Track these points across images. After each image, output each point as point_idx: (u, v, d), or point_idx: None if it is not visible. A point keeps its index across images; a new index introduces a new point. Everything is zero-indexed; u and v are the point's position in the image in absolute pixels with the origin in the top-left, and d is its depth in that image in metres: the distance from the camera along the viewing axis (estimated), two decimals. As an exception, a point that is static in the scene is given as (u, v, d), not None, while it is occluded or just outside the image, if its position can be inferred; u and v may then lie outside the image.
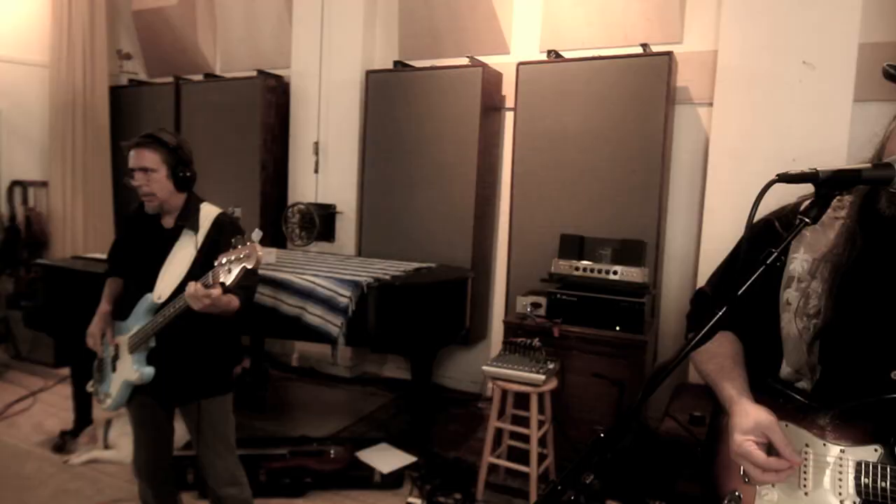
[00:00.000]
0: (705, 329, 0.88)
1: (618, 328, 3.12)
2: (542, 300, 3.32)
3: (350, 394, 4.50)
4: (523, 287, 3.74)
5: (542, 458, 3.01)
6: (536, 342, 3.02)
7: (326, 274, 3.21)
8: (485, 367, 2.95)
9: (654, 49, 3.64)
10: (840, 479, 0.99)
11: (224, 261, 1.79)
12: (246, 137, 4.84)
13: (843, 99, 3.17)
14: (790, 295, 1.09)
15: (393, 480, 3.08)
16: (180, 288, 1.95)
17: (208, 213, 2.17)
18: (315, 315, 3.03)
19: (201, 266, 1.99)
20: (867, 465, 0.96)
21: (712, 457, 1.18)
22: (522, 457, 2.96)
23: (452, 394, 4.47)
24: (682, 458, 2.70)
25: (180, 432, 2.34)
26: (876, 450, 0.96)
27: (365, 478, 3.08)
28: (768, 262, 0.87)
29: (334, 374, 4.78)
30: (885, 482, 0.93)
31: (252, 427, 3.66)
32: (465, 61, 4.21)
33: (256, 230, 1.83)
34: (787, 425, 1.05)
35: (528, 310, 3.34)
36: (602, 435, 0.90)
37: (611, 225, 3.58)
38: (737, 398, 1.08)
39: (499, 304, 4.32)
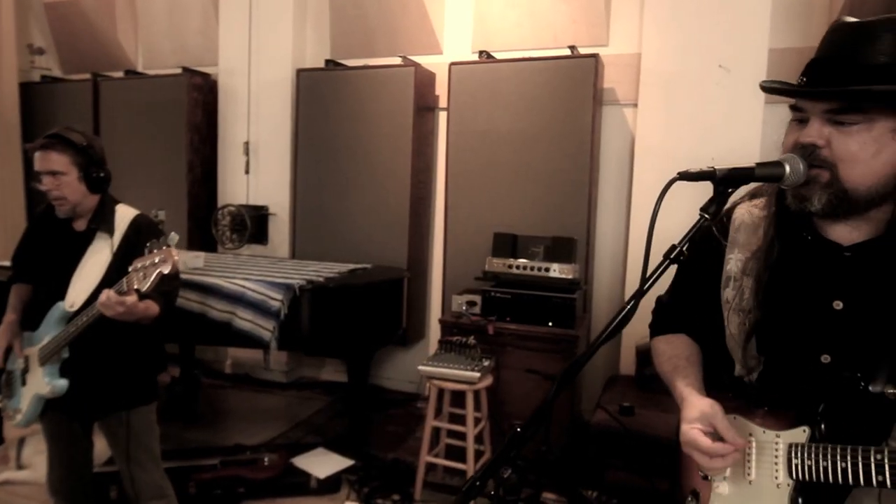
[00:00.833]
0: (612, 325, 0.91)
1: (550, 324, 3.19)
2: (477, 298, 3.35)
3: (286, 399, 4.40)
4: (459, 286, 3.76)
5: (479, 454, 3.04)
6: (472, 340, 3.05)
7: (257, 277, 3.12)
8: (420, 367, 2.95)
9: (582, 51, 3.74)
10: (776, 464, 1.03)
11: (139, 266, 1.72)
12: (171, 137, 4.65)
13: (755, 101, 3.35)
14: (728, 294, 1.14)
15: (330, 485, 3.03)
16: (95, 295, 1.85)
17: (125, 214, 2.06)
18: (245, 320, 2.95)
19: (118, 271, 1.89)
20: (797, 446, 1.00)
21: (677, 459, 1.22)
22: (461, 455, 2.98)
23: (391, 394, 4.45)
24: (612, 448, 2.79)
25: (101, 447, 2.22)
26: (804, 431, 1.01)
27: (301, 484, 3.02)
28: (671, 256, 0.91)
29: (270, 379, 4.67)
30: (811, 460, 0.97)
31: (182, 438, 3.52)
32: (397, 61, 4.19)
33: (173, 233, 1.76)
34: (735, 418, 1.10)
35: (464, 308, 3.36)
36: (518, 430, 0.91)
37: (543, 223, 3.66)
38: (687, 394, 1.13)
39: (436, 304, 4.33)
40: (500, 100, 3.81)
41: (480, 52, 3.99)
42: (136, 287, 1.71)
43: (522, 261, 3.35)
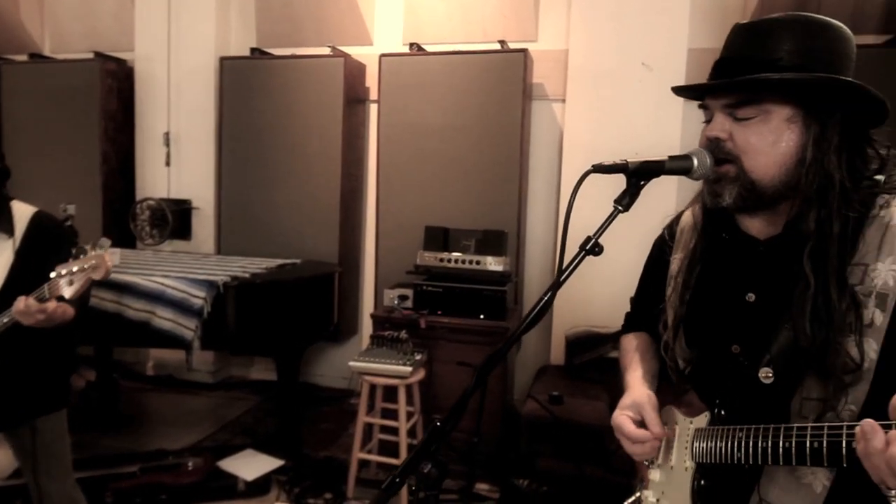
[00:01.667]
0: (529, 317, 0.91)
1: (482, 316, 3.21)
2: (409, 292, 3.33)
3: (213, 400, 4.24)
4: (392, 280, 3.73)
5: (413, 449, 3.03)
6: (403, 334, 3.03)
7: (178, 274, 2.99)
8: (351, 363, 2.91)
9: (511, 46, 3.78)
10: (686, 448, 1.08)
11: (64, 272, 1.62)
12: (83, 126, 4.36)
13: (675, 98, 3.46)
14: (668, 292, 1.19)
15: (259, 487, 2.94)
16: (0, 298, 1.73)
17: (23, 212, 1.91)
18: (165, 319, 2.81)
19: (20, 272, 1.77)
20: (700, 430, 1.06)
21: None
22: (394, 450, 2.97)
23: (324, 392, 4.37)
24: (543, 437, 2.84)
25: (5, 461, 2.06)
26: (706, 416, 1.06)
27: (228, 487, 2.92)
28: (587, 248, 0.92)
29: (195, 380, 4.48)
30: (709, 442, 1.02)
31: (99, 445, 3.33)
32: (326, 51, 4.10)
33: (103, 238, 1.69)
34: (669, 408, 1.15)
35: (396, 303, 3.34)
36: (438, 424, 0.90)
37: (474, 216, 3.68)
38: (630, 384, 1.19)
39: (369, 298, 4.29)
40: (430, 93, 3.79)
41: (411, 45, 3.95)
42: (60, 294, 1.62)
43: (454, 254, 3.36)
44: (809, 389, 0.93)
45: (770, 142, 0.94)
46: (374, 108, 4.14)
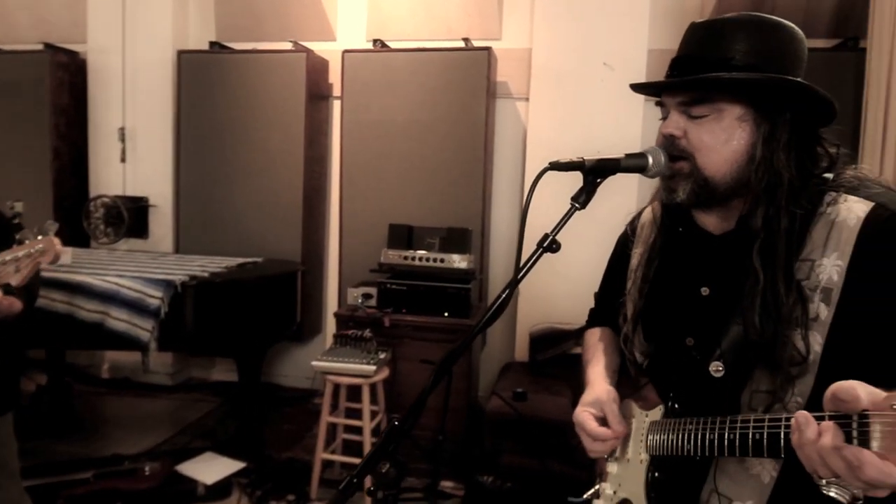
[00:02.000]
0: (488, 314, 0.91)
1: (446, 314, 3.21)
2: (373, 291, 3.31)
3: (172, 403, 4.14)
4: (356, 278, 3.70)
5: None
6: (367, 333, 3.00)
7: (134, 274, 2.90)
8: (314, 363, 2.87)
9: (476, 44, 3.78)
10: (641, 441, 1.10)
11: (8, 258, 1.54)
12: (32, 121, 4.19)
13: (636, 98, 3.49)
14: (628, 286, 1.20)
15: (219, 491, 2.88)
16: None
17: None
18: (120, 320, 2.72)
19: None
20: (654, 423, 1.08)
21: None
22: (358, 449, 2.94)
23: (287, 392, 4.30)
24: (507, 433, 2.86)
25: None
26: (660, 409, 1.08)
27: (187, 492, 2.85)
28: (545, 245, 0.93)
29: (154, 382, 4.36)
30: (662, 435, 1.04)
31: (51, 451, 3.21)
32: (288, 46, 4.04)
33: (50, 221, 1.61)
34: (627, 402, 1.17)
35: (360, 301, 3.31)
36: (396, 423, 0.90)
37: (438, 214, 3.67)
38: (592, 380, 1.20)
39: (332, 297, 4.24)
40: (394, 90, 3.77)
41: (374, 41, 3.92)
42: (6, 283, 1.54)
43: (418, 252, 3.35)
44: (759, 382, 0.95)
45: (722, 140, 0.96)
46: (337, 105, 4.10)
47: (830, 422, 0.70)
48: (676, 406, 1.05)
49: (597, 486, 1.21)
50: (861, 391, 0.67)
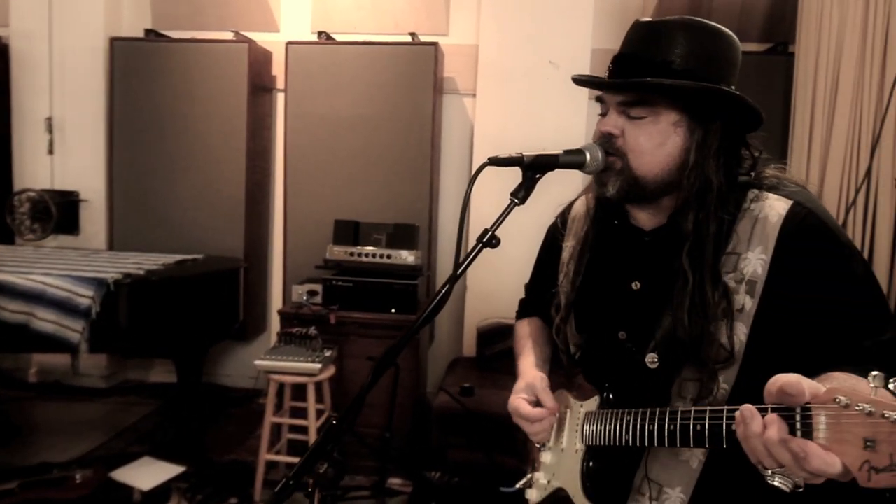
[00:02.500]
0: (427, 311, 0.90)
1: (393, 311, 3.19)
2: (319, 287, 3.26)
3: (107, 407, 3.95)
4: (301, 275, 3.63)
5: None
6: (312, 331, 2.95)
7: (62, 272, 2.75)
8: (257, 362, 2.80)
9: (422, 39, 3.76)
10: (576, 431, 1.12)
11: None
12: (-52, 109, 3.92)
13: (580, 96, 3.60)
14: (560, 278, 1.22)
15: (156, 497, 2.77)
16: None
17: None
18: (47, 321, 2.58)
19: None
20: (590, 414, 1.10)
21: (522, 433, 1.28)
22: (304, 449, 2.88)
23: (230, 392, 4.19)
24: (454, 429, 2.87)
25: None
26: (596, 399, 1.10)
27: (122, 499, 2.73)
28: (484, 240, 0.93)
29: (86, 386, 4.16)
30: (598, 425, 1.06)
31: (-28, 462, 3.02)
32: (229, 36, 3.90)
33: None
34: (561, 392, 1.18)
35: (305, 298, 3.25)
36: (334, 422, 0.88)
37: (385, 210, 3.64)
38: (523, 368, 1.21)
39: (277, 295, 4.15)
40: (340, 83, 3.71)
41: (319, 33, 3.84)
42: None
43: (365, 248, 3.31)
44: (688, 372, 0.99)
45: (656, 143, 0.98)
46: (280, 98, 4.00)
47: (775, 415, 0.72)
48: (611, 396, 1.08)
49: (529, 476, 1.22)
50: (805, 385, 0.69)
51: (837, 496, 0.78)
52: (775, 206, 0.97)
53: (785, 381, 0.70)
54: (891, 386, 0.64)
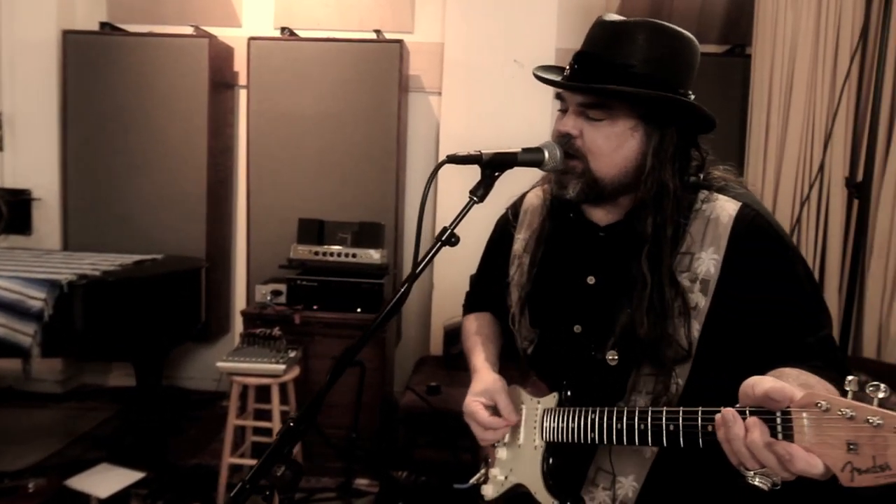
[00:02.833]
0: (386, 310, 0.89)
1: (359, 310, 3.17)
2: (283, 287, 3.21)
3: (63, 412, 3.83)
4: (265, 275, 3.57)
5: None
6: (276, 331, 2.91)
7: (12, 273, 2.65)
8: (219, 363, 2.75)
9: (388, 36, 3.74)
10: (535, 428, 1.12)
11: None
12: None
13: (545, 95, 3.60)
14: (512, 272, 1.21)
15: (115, 504, 2.69)
16: None
17: None
18: (-4, 324, 2.48)
19: None
20: (549, 411, 1.10)
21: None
22: (267, 452, 2.84)
23: (193, 395, 4.10)
24: (421, 427, 2.86)
25: None
26: (555, 397, 1.10)
27: (78, 508, 2.65)
28: (443, 238, 0.92)
29: (41, 391, 4.01)
30: (560, 422, 1.06)
31: (-85, 473, 2.88)
32: (189, 30, 3.81)
33: None
34: (514, 388, 1.17)
35: (268, 298, 3.20)
36: (291, 424, 0.86)
37: (350, 208, 3.60)
38: (479, 368, 1.19)
39: (240, 295, 4.07)
40: (304, 80, 3.66)
41: (283, 29, 3.78)
42: None
43: (330, 247, 3.27)
44: (645, 368, 1.01)
45: (614, 146, 1.00)
46: (243, 95, 3.92)
47: (756, 418, 0.74)
48: (569, 393, 1.08)
49: (483, 471, 1.22)
50: (788, 391, 0.72)
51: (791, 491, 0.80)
52: (725, 208, 1.00)
53: (770, 386, 0.72)
54: (868, 390, 0.67)
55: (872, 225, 2.96)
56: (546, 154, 0.99)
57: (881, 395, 0.66)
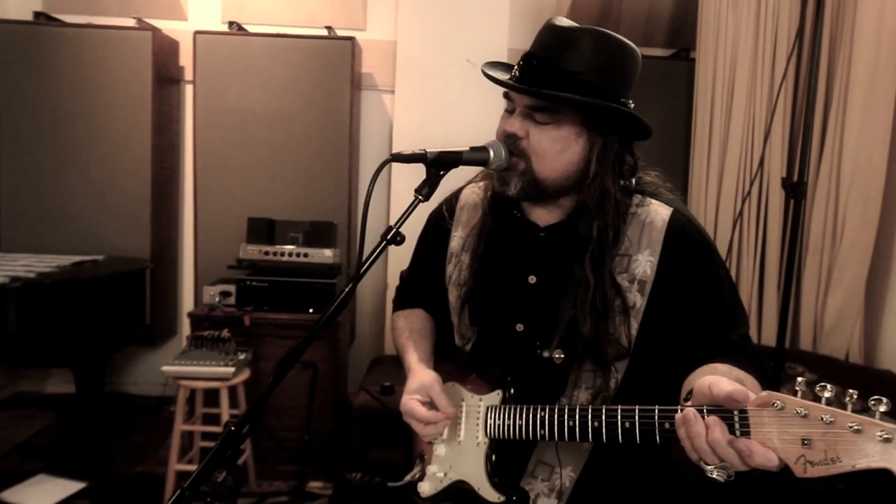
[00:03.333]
0: (330, 309, 0.88)
1: (311, 310, 3.12)
2: (232, 288, 3.14)
3: (-3, 422, 3.65)
4: (213, 276, 3.48)
5: (240, 453, 2.86)
6: (225, 333, 2.84)
7: (-63, 276, 2.50)
8: (164, 367, 2.66)
9: (339, 33, 3.70)
10: (477, 425, 1.12)
11: None
12: None
13: (498, 94, 3.59)
14: (450, 269, 1.22)
15: (53, 516, 2.58)
16: None
17: None
18: (-81, 331, 2.34)
19: None
20: (492, 408, 1.10)
21: (408, 427, 1.26)
22: (216, 457, 2.77)
23: (138, 401, 3.96)
24: (375, 428, 2.84)
25: None
26: (498, 394, 1.11)
27: (13, 522, 2.52)
28: (388, 237, 0.92)
29: (-28, 400, 3.81)
30: (501, 420, 1.08)
31: None
32: (131, 22, 3.68)
33: None
34: (452, 385, 1.17)
35: (217, 300, 3.12)
36: (233, 428, 0.84)
37: (302, 207, 3.55)
38: (413, 366, 1.19)
39: (188, 297, 3.96)
40: (253, 76, 3.58)
41: (231, 24, 3.69)
42: None
43: (281, 247, 3.21)
44: (587, 365, 1.05)
45: (558, 150, 1.02)
46: (189, 90, 3.81)
47: (716, 417, 0.79)
48: (512, 391, 1.10)
49: (418, 468, 1.22)
50: (749, 393, 0.77)
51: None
52: (659, 212, 1.06)
53: (733, 388, 0.78)
54: (816, 390, 0.74)
55: (808, 224, 3.10)
56: (492, 153, 1.00)
57: (828, 394, 0.73)
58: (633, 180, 1.09)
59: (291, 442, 2.93)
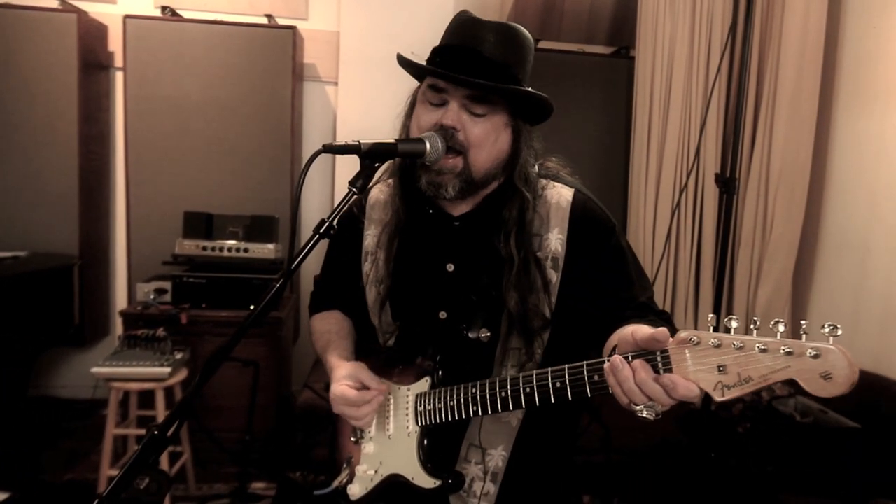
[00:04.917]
0: (258, 307, 0.86)
1: (252, 307, 3.03)
2: (167, 285, 3.02)
3: None
4: (147, 272, 3.34)
5: (176, 457, 2.76)
6: (161, 332, 2.72)
7: None
8: (94, 369, 2.53)
9: (280, 22, 3.60)
10: (407, 415, 1.13)
11: None
12: None
13: (442, 87, 3.64)
14: (366, 268, 1.22)
15: (-28, 531, 2.42)
16: None
17: None
18: None
19: None
20: (421, 395, 1.12)
21: (336, 431, 1.29)
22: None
23: (69, 404, 3.76)
24: (319, 426, 2.79)
25: None
26: (427, 380, 1.13)
27: (-74, 538, 2.35)
28: (321, 231, 0.90)
29: None
30: (431, 405, 1.10)
31: None
32: (55, 3, 3.46)
33: None
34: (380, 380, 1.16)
35: (151, 297, 2.99)
36: (156, 432, 0.80)
37: (241, 201, 3.44)
38: (336, 363, 1.18)
39: (121, 294, 3.78)
40: (188, 64, 3.44)
41: (163, 8, 3.53)
42: None
43: (219, 242, 3.11)
44: (510, 341, 1.10)
45: (492, 139, 1.06)
46: (119, 77, 3.63)
47: (640, 360, 0.85)
48: (440, 374, 1.12)
49: (345, 472, 1.21)
50: (667, 333, 0.83)
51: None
52: (563, 193, 1.13)
53: (653, 331, 0.83)
54: (724, 321, 0.82)
55: (739, 218, 3.23)
56: (428, 145, 0.99)
57: (734, 324, 0.81)
58: (537, 166, 1.15)
59: (232, 443, 2.85)
